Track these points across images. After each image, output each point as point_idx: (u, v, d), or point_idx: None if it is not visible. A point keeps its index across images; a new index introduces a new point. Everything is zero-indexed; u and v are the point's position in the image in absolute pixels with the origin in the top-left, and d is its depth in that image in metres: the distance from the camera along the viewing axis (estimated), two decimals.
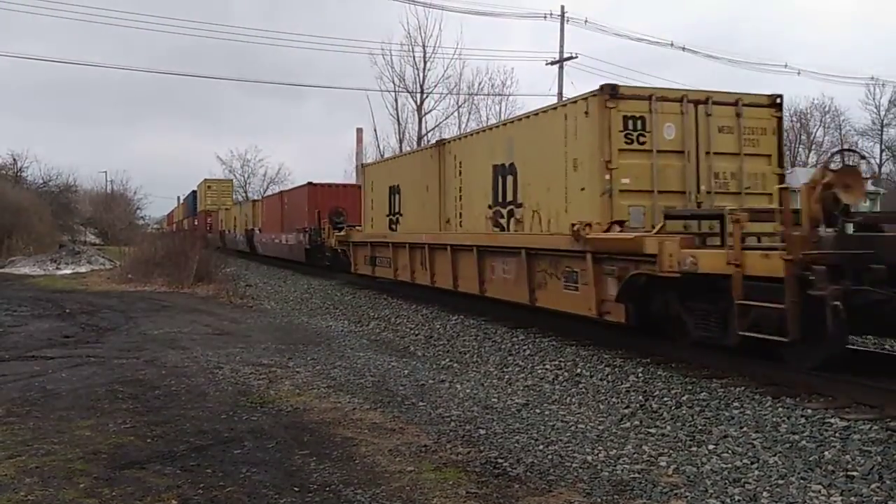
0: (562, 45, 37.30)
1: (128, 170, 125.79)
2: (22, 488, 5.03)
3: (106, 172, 75.87)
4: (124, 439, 6.20)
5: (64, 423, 6.67)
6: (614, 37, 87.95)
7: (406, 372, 9.22)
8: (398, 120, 40.23)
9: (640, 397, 7.73)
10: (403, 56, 39.57)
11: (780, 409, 6.83)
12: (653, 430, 6.65)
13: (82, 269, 28.09)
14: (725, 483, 5.24)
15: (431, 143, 18.03)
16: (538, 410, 7.42)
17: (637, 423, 6.95)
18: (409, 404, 7.53)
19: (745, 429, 6.43)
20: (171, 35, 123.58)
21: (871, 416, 6.39)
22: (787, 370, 7.59)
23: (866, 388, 6.95)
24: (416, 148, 25.77)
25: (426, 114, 39.73)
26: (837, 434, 6.08)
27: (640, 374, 8.54)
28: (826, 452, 5.73)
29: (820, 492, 5.02)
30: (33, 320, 14.13)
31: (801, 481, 5.21)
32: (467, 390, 8.28)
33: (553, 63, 37.47)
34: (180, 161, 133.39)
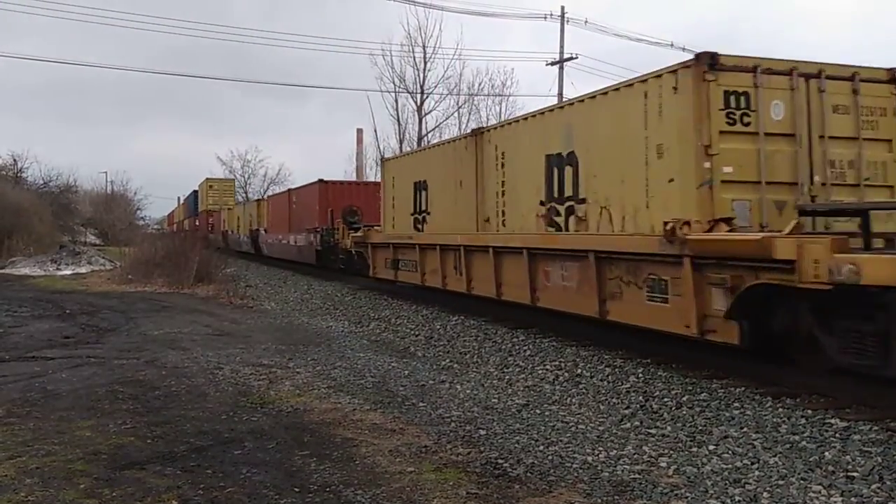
0: (562, 46, 37.39)
1: (128, 170, 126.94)
2: (22, 489, 5.03)
3: (106, 173, 76.18)
4: (124, 440, 6.20)
5: (64, 424, 6.66)
6: (614, 37, 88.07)
7: (406, 372, 9.21)
8: (398, 120, 40.13)
9: (641, 398, 7.73)
10: (403, 56, 39.54)
11: (781, 409, 6.84)
12: (653, 431, 6.65)
13: (82, 270, 28.07)
14: (726, 484, 5.24)
15: (466, 133, 16.02)
16: (538, 411, 7.41)
17: (637, 423, 6.95)
18: (410, 405, 7.52)
19: (746, 429, 6.44)
20: (171, 35, 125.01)
21: (871, 417, 6.40)
22: (787, 370, 7.56)
23: (866, 388, 6.93)
24: (445, 139, 23.19)
25: (426, 114, 39.69)
26: (838, 434, 6.09)
27: (641, 375, 8.55)
28: (826, 453, 5.73)
29: (820, 492, 5.02)
30: (33, 321, 14.12)
31: (802, 482, 5.21)
32: (467, 391, 8.28)
33: (553, 63, 37.53)
34: (180, 161, 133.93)
